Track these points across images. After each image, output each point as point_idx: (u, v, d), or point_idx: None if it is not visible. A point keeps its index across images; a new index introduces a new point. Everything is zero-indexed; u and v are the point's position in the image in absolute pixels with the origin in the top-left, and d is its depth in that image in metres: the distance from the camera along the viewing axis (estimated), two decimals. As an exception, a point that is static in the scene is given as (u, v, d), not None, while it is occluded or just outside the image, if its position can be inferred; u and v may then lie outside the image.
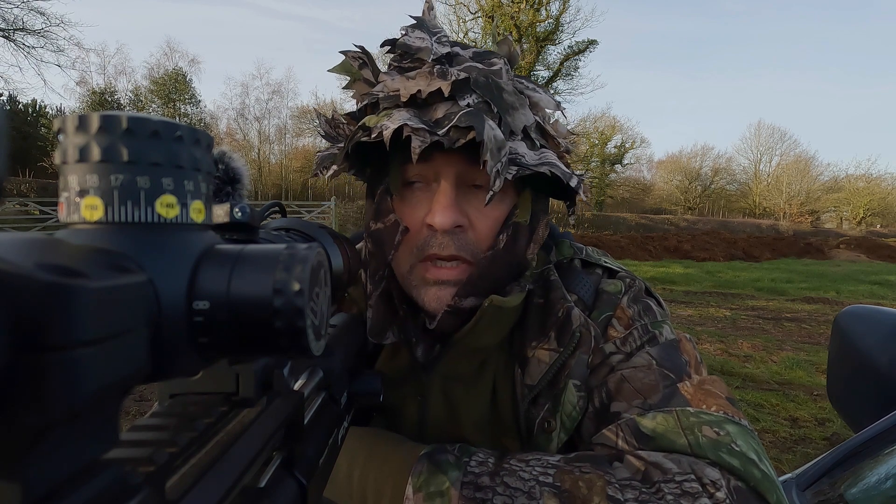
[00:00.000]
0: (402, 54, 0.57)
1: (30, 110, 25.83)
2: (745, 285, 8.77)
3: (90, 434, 0.16)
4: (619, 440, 0.51)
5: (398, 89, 0.54)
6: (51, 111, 26.46)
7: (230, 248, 0.22)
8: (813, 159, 39.41)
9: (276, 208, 0.42)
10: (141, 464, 0.19)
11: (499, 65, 0.56)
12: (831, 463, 1.05)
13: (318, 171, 0.60)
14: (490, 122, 0.50)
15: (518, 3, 20.46)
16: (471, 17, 21.06)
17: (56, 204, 0.33)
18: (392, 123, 0.50)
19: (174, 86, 28.90)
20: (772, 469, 0.48)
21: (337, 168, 0.59)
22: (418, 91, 0.53)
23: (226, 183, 0.40)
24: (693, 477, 0.45)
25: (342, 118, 0.59)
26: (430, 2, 0.62)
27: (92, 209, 0.20)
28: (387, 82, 0.56)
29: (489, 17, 20.32)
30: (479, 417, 0.61)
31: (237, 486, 0.23)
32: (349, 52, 0.59)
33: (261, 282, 0.20)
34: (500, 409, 0.61)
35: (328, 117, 0.61)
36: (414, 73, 0.55)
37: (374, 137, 0.51)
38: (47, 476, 0.15)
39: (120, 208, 0.20)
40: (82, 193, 0.20)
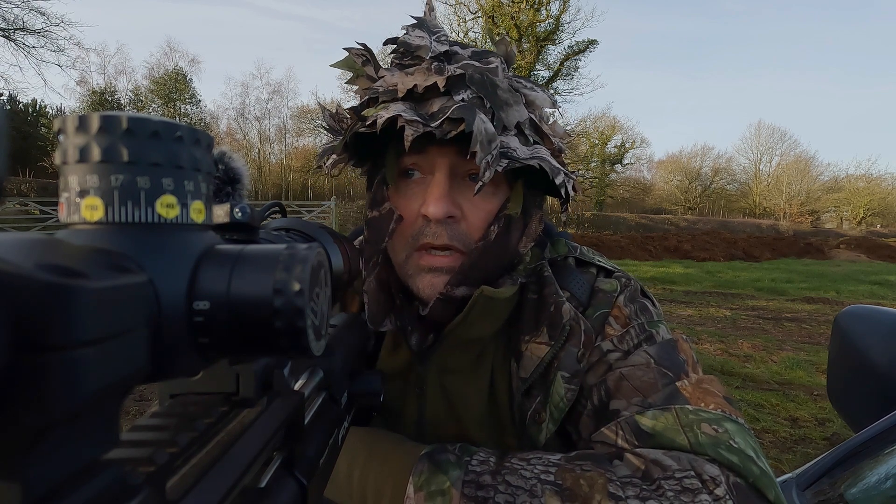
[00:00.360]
0: (403, 52, 0.59)
1: (30, 110, 25.84)
2: (745, 285, 8.77)
3: (90, 434, 0.16)
4: (619, 438, 0.52)
5: (396, 84, 0.56)
6: (51, 111, 26.47)
7: (230, 249, 0.22)
8: (813, 159, 39.54)
9: (277, 208, 0.42)
10: (141, 464, 0.18)
11: (495, 63, 0.58)
12: (831, 463, 1.05)
13: (321, 163, 0.62)
14: (482, 116, 0.51)
15: (518, 3, 20.46)
16: (471, 16, 21.11)
17: (56, 204, 0.33)
18: (387, 114, 0.52)
19: (174, 86, 28.93)
20: (768, 466, 0.49)
21: (336, 158, 0.61)
22: (415, 86, 0.54)
23: (226, 183, 0.41)
24: (693, 473, 0.45)
25: (345, 112, 0.61)
26: (431, 3, 0.64)
27: (92, 209, 0.20)
28: (386, 77, 0.58)
29: (489, 17, 20.33)
30: (477, 412, 0.61)
31: (237, 486, 0.23)
32: (352, 49, 0.61)
33: (261, 282, 0.20)
34: (497, 403, 0.62)
35: (332, 111, 0.62)
36: (413, 69, 0.57)
37: (367, 124, 0.53)
38: (47, 476, 0.15)
39: (120, 208, 0.20)
40: (83, 194, 0.20)
